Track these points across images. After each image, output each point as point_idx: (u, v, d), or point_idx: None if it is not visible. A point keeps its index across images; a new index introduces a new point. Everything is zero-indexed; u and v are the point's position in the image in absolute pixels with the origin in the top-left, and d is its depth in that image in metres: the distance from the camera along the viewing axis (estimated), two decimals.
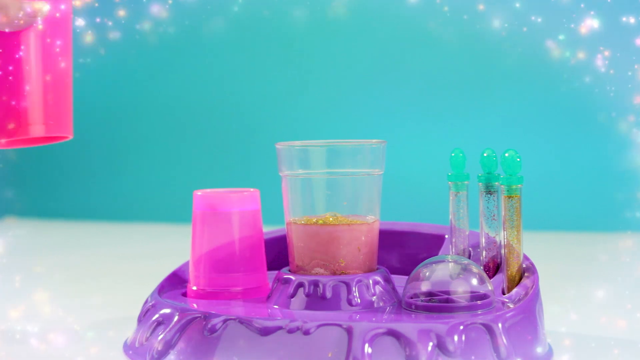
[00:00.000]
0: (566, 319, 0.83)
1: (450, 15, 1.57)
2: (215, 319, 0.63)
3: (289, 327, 0.61)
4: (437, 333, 0.60)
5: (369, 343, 0.59)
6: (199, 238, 0.74)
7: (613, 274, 1.10)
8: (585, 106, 1.53)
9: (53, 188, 1.87)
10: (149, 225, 1.71)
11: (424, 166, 1.58)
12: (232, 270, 0.74)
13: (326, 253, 0.69)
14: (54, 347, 0.76)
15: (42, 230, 1.70)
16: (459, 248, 0.74)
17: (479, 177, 0.72)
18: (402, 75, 1.65)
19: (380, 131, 1.59)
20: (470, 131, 1.60)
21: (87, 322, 0.85)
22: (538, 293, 0.68)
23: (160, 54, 1.78)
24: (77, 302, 0.97)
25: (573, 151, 1.57)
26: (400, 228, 0.83)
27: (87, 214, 1.82)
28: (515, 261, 0.70)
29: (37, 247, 1.46)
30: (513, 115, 1.60)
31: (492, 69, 1.61)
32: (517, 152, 0.69)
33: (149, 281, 0.85)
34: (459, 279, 0.65)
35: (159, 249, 1.42)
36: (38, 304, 0.95)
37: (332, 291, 0.67)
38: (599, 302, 0.93)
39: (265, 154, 1.47)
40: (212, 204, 0.74)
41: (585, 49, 1.40)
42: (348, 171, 0.69)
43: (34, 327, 0.83)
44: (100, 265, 1.26)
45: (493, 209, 0.71)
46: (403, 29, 1.63)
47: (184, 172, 1.79)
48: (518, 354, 0.62)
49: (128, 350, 0.69)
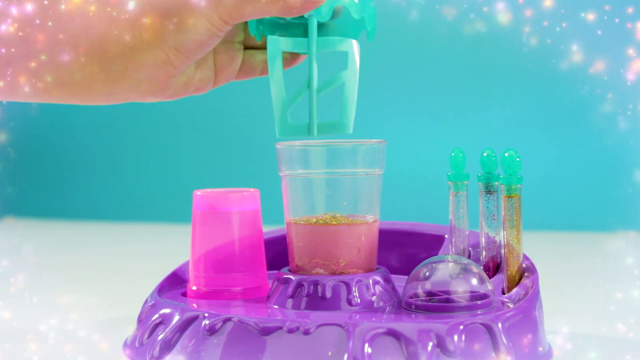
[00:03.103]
0: (566, 318, 0.83)
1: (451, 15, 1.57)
2: (215, 319, 0.63)
3: (289, 327, 0.61)
4: (437, 333, 0.60)
5: (368, 343, 0.59)
6: (199, 238, 0.74)
7: (613, 273, 1.10)
8: (586, 106, 1.53)
9: (53, 188, 1.87)
10: (149, 225, 1.71)
11: (424, 166, 1.58)
12: (232, 270, 0.74)
13: (326, 253, 0.69)
14: (53, 347, 0.76)
15: (42, 230, 1.70)
16: (458, 248, 0.74)
17: (479, 177, 0.72)
18: (402, 75, 1.65)
19: (380, 131, 1.59)
20: (470, 131, 1.60)
21: (87, 322, 0.85)
22: (538, 293, 0.68)
23: None
24: (77, 302, 0.97)
25: (573, 151, 1.57)
26: (400, 228, 0.83)
27: (87, 214, 1.82)
28: (515, 261, 0.70)
29: (37, 247, 1.46)
30: (513, 115, 1.60)
31: (492, 69, 1.61)
32: (517, 152, 0.69)
33: (149, 281, 0.85)
34: (459, 279, 0.65)
35: (159, 249, 1.42)
36: (38, 304, 0.95)
37: (332, 291, 0.67)
38: (599, 302, 0.93)
39: (265, 154, 1.47)
40: (212, 204, 0.74)
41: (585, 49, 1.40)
42: (348, 171, 0.69)
43: (34, 327, 0.83)
44: (100, 265, 1.26)
45: (493, 209, 0.71)
46: (403, 28, 1.63)
47: (184, 172, 1.79)
48: (518, 354, 0.62)
49: (128, 350, 0.69)
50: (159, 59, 0.62)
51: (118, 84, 0.63)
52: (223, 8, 0.62)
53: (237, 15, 0.62)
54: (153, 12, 0.62)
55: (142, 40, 0.62)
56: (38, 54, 0.59)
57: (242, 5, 0.62)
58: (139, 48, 0.62)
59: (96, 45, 0.61)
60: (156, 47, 0.62)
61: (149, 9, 0.62)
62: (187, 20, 0.62)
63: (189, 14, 0.62)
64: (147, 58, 0.62)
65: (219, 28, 0.63)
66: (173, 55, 0.63)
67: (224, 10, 0.62)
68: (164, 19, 0.62)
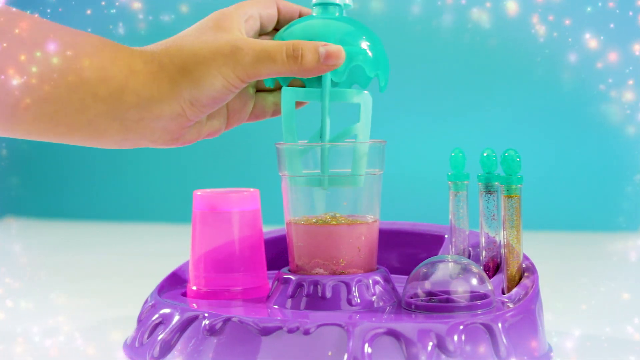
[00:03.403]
0: (566, 318, 0.83)
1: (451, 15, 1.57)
2: (215, 319, 0.63)
3: (289, 327, 0.61)
4: (437, 333, 0.60)
5: (368, 343, 0.59)
6: (199, 238, 0.74)
7: (613, 273, 1.10)
8: (586, 106, 1.53)
9: (53, 188, 1.87)
10: (149, 225, 1.71)
11: (424, 166, 1.58)
12: (232, 270, 0.74)
13: (326, 253, 0.69)
14: (53, 347, 0.76)
15: (42, 230, 1.70)
16: (458, 248, 0.74)
17: (479, 177, 0.72)
18: (402, 75, 1.65)
19: (380, 131, 1.59)
20: (470, 131, 1.60)
21: (87, 322, 0.85)
22: (538, 293, 0.68)
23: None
24: (76, 302, 0.97)
25: (573, 151, 1.57)
26: (400, 228, 0.83)
27: (87, 214, 1.82)
28: (515, 261, 0.70)
29: (37, 247, 1.46)
30: (513, 115, 1.60)
31: (492, 69, 1.61)
32: (517, 152, 0.69)
33: (149, 281, 0.85)
34: (458, 278, 0.65)
35: (159, 249, 1.43)
36: (37, 304, 0.95)
37: (332, 291, 0.67)
38: (599, 302, 0.93)
39: (265, 154, 1.47)
40: (212, 204, 0.74)
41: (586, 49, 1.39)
42: (348, 171, 0.69)
43: (34, 327, 0.83)
44: (100, 265, 1.26)
45: (493, 209, 0.71)
46: (403, 28, 1.63)
47: (184, 172, 1.79)
48: (518, 354, 0.62)
49: (128, 350, 0.69)
50: (174, 112, 0.63)
51: (132, 132, 0.63)
52: (240, 67, 0.63)
53: (253, 74, 0.63)
54: (171, 65, 0.62)
55: (159, 93, 0.62)
56: (56, 101, 0.60)
57: (258, 66, 0.63)
58: (156, 100, 0.62)
59: (114, 96, 0.61)
60: (172, 100, 0.62)
61: (167, 63, 0.62)
62: (204, 76, 0.62)
63: (206, 70, 0.62)
64: (162, 110, 0.62)
65: (235, 85, 0.63)
66: (188, 108, 0.63)
67: (241, 69, 0.63)
68: (182, 74, 0.62)
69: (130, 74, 0.62)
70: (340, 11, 0.70)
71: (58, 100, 0.60)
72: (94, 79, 0.60)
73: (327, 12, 0.69)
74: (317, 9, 0.70)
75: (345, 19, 0.69)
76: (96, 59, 0.61)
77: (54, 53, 0.59)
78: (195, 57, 0.62)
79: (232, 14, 0.66)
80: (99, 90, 0.61)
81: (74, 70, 0.60)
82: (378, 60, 0.68)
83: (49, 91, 0.59)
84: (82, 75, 0.60)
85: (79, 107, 0.60)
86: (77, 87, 0.60)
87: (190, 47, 0.63)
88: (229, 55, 0.62)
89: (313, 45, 0.64)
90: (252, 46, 0.63)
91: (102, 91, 0.61)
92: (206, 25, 0.65)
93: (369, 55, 0.67)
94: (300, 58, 0.64)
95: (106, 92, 0.61)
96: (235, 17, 0.66)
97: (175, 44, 0.63)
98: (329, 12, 0.69)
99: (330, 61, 0.64)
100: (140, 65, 0.62)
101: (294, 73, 0.64)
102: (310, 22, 0.68)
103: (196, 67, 0.62)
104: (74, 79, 0.60)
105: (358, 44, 0.67)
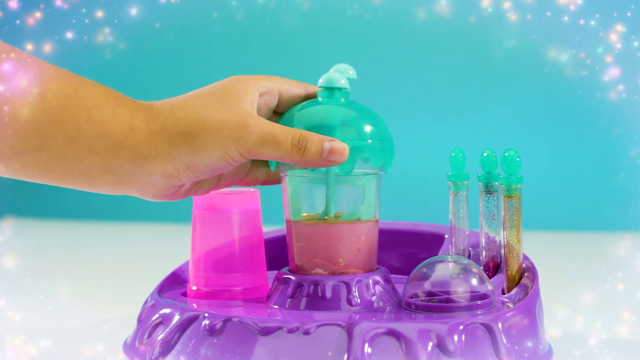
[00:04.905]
0: (566, 318, 0.83)
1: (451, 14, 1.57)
2: (215, 319, 0.63)
3: (289, 327, 0.61)
4: (437, 333, 0.60)
5: (368, 343, 0.59)
6: (199, 238, 0.74)
7: (613, 273, 1.10)
8: (586, 106, 1.53)
9: (53, 188, 1.87)
10: (149, 225, 1.71)
11: (424, 166, 1.58)
12: (232, 270, 0.74)
13: (326, 253, 0.69)
14: (53, 346, 0.76)
15: (42, 230, 1.70)
16: (458, 248, 0.74)
17: (479, 177, 0.72)
18: (402, 75, 1.65)
19: None
20: (470, 131, 1.60)
21: (87, 322, 0.85)
22: (538, 293, 0.68)
23: (160, 52, 1.78)
24: (77, 302, 0.97)
25: (573, 151, 1.57)
26: (400, 228, 0.83)
27: (87, 214, 1.82)
28: (515, 261, 0.70)
29: (37, 247, 1.46)
30: (513, 115, 1.60)
31: (492, 69, 1.61)
32: (517, 152, 0.69)
33: (149, 281, 0.85)
34: (459, 279, 0.65)
35: (159, 249, 1.43)
36: (37, 304, 0.95)
37: (332, 291, 0.67)
38: (599, 302, 0.93)
39: None
40: (212, 204, 0.74)
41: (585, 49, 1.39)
42: None
43: (34, 327, 0.83)
44: (100, 265, 1.26)
45: (493, 209, 0.71)
46: (403, 28, 1.63)
47: None
48: (518, 354, 0.62)
49: (128, 350, 0.69)
50: (167, 171, 0.62)
51: (122, 184, 0.63)
52: (243, 143, 0.62)
53: (255, 153, 0.63)
54: (174, 129, 0.62)
55: (156, 153, 0.62)
56: (50, 151, 0.59)
57: (262, 147, 0.63)
58: (151, 158, 0.62)
59: (110, 151, 0.60)
60: (168, 161, 0.62)
61: (170, 125, 0.62)
62: (206, 145, 0.62)
63: (209, 140, 0.62)
64: (156, 168, 0.62)
65: (234, 160, 0.63)
66: (183, 170, 0.63)
67: (244, 145, 0.62)
68: (183, 138, 0.62)
69: (130, 131, 0.61)
70: (346, 96, 0.70)
71: (52, 151, 0.59)
72: (92, 132, 0.60)
73: (333, 96, 0.69)
74: (322, 93, 0.69)
75: (351, 104, 0.69)
76: (96, 113, 0.60)
77: (53, 104, 0.58)
78: (202, 124, 0.62)
79: (249, 84, 0.66)
80: (95, 144, 0.60)
81: (72, 123, 0.59)
82: (384, 150, 0.68)
83: (43, 142, 0.59)
84: (80, 129, 0.59)
85: (73, 158, 0.60)
86: (73, 140, 0.59)
87: (199, 112, 0.62)
88: (235, 129, 0.62)
89: (319, 139, 0.64)
90: (260, 126, 0.63)
91: (98, 145, 0.60)
92: (220, 90, 0.64)
93: (375, 147, 0.67)
94: (304, 149, 0.63)
95: (103, 146, 0.60)
96: (251, 89, 0.65)
97: (184, 106, 0.63)
98: (335, 97, 0.69)
99: (333, 157, 0.64)
100: (141, 123, 0.61)
101: (296, 162, 0.64)
102: (315, 109, 0.68)
103: (200, 134, 0.62)
104: (71, 132, 0.59)
105: (364, 136, 0.67)
